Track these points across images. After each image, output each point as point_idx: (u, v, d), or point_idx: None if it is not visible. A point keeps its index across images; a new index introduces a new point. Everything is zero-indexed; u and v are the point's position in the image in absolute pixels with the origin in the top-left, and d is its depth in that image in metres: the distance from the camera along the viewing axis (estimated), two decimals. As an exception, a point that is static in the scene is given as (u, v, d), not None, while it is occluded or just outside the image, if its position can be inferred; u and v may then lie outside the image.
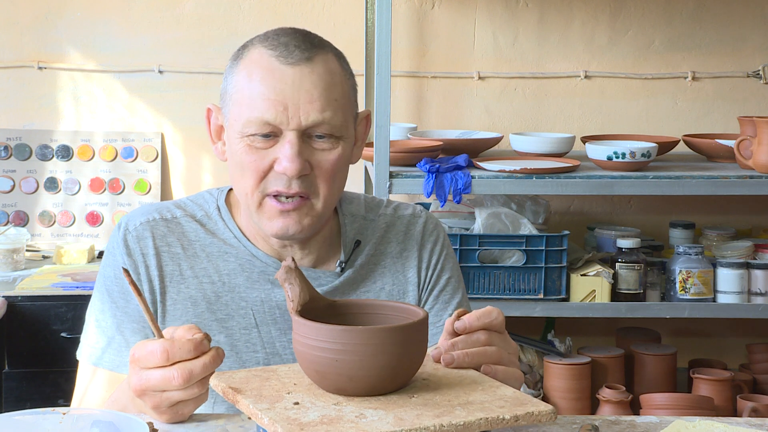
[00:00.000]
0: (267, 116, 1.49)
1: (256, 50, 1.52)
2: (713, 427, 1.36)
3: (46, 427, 1.23)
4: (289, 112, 1.48)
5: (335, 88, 1.51)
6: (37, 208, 3.42)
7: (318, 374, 1.23)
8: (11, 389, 2.87)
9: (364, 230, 1.68)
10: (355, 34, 3.35)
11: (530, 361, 3.11)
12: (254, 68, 1.51)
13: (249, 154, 1.51)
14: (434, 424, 1.13)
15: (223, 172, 3.44)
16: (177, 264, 1.60)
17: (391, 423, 1.13)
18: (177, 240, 1.61)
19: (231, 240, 1.62)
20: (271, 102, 1.48)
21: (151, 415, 1.36)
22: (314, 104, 1.49)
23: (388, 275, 1.67)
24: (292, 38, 1.52)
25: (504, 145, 3.30)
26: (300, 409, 1.17)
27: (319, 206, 1.54)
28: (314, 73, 1.50)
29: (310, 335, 1.22)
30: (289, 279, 1.30)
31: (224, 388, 1.25)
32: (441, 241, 1.72)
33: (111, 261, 1.61)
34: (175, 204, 1.66)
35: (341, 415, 1.16)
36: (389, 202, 1.74)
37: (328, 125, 1.50)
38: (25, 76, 3.43)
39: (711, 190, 2.89)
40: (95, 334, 1.59)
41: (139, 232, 1.61)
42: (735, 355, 3.44)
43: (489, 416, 1.16)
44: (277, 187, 1.51)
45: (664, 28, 3.46)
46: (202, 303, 1.58)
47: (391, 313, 1.32)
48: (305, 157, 1.50)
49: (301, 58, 1.50)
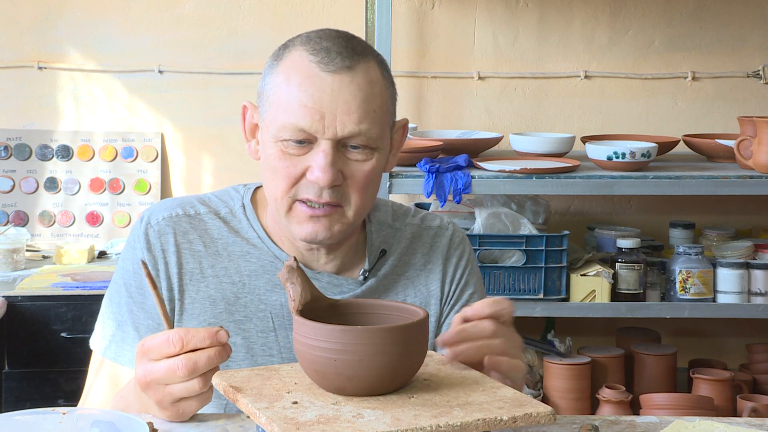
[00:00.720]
0: (302, 123, 1.45)
1: (297, 53, 1.49)
2: (713, 427, 1.36)
3: (46, 427, 1.23)
4: (325, 121, 1.45)
5: (374, 99, 1.47)
6: (37, 208, 3.42)
7: (318, 374, 1.23)
8: (11, 389, 2.87)
9: (389, 239, 1.66)
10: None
11: (530, 361, 3.11)
12: (293, 72, 1.47)
13: (282, 160, 1.48)
14: (431, 424, 1.13)
15: (223, 172, 3.44)
16: (198, 262, 1.58)
17: (388, 423, 1.13)
18: (199, 237, 1.59)
19: (254, 240, 1.59)
20: (308, 109, 1.45)
21: (155, 413, 1.36)
22: (352, 116, 1.45)
23: (411, 287, 1.64)
24: (334, 43, 1.48)
25: (504, 145, 3.30)
26: (298, 409, 1.17)
27: (350, 215, 1.51)
28: (354, 83, 1.46)
29: (310, 335, 1.22)
30: (291, 278, 1.29)
31: (225, 387, 1.25)
32: (467, 255, 1.69)
33: (131, 254, 1.60)
34: (200, 199, 1.63)
35: (338, 414, 1.16)
36: (417, 212, 1.71)
37: (364, 137, 1.47)
38: (25, 76, 3.44)
39: (711, 190, 2.89)
40: (109, 327, 1.58)
41: (161, 227, 1.59)
42: (735, 355, 3.44)
43: (487, 417, 1.16)
44: (307, 195, 1.48)
45: (664, 28, 3.47)
46: (221, 303, 1.56)
47: (393, 313, 1.31)
48: (338, 167, 1.47)
49: (342, 66, 1.46)
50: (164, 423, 1.36)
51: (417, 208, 1.73)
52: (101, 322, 1.60)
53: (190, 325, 1.56)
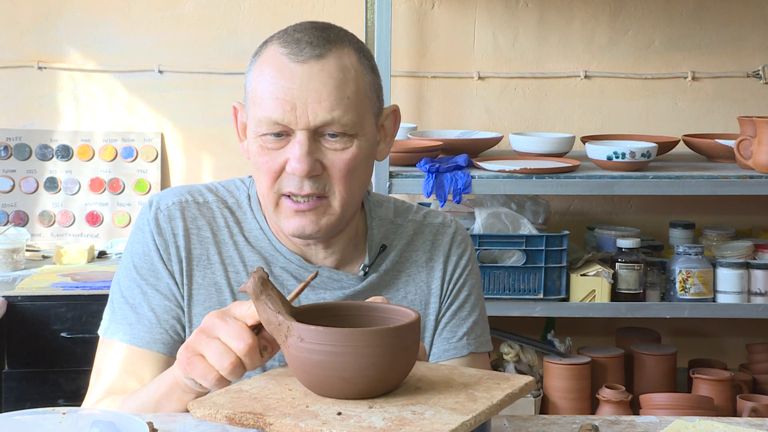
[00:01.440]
0: (275, 116, 1.46)
1: (271, 47, 1.50)
2: (713, 427, 1.36)
3: (46, 427, 1.23)
4: (297, 111, 1.46)
5: (347, 85, 1.47)
6: (37, 208, 3.42)
7: (311, 376, 1.21)
8: (11, 389, 2.87)
9: (391, 235, 1.65)
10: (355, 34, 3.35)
11: (530, 361, 3.11)
12: (266, 66, 1.49)
13: (262, 155, 1.49)
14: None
15: (223, 172, 3.44)
16: (205, 248, 1.58)
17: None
18: (207, 224, 1.59)
19: (257, 231, 1.60)
20: (280, 101, 1.46)
21: (180, 398, 1.37)
22: (323, 104, 1.46)
23: (412, 284, 1.64)
24: (306, 34, 1.49)
25: (504, 145, 3.30)
26: (344, 417, 1.16)
27: (336, 206, 1.51)
28: (324, 71, 1.46)
29: (316, 339, 1.19)
30: (266, 290, 1.25)
31: (231, 415, 1.18)
32: (467, 255, 1.68)
33: (140, 238, 1.59)
34: (207, 187, 1.64)
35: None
36: (419, 209, 1.71)
37: (338, 124, 1.46)
38: (25, 76, 3.44)
39: (711, 190, 2.89)
40: (122, 311, 1.57)
41: (171, 211, 1.59)
42: (735, 355, 3.44)
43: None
44: (290, 188, 1.49)
45: (664, 28, 3.47)
46: (226, 291, 1.57)
47: (386, 315, 1.30)
48: (316, 157, 1.47)
49: (311, 55, 1.47)
50: (164, 423, 1.36)
51: (420, 206, 1.73)
52: (111, 308, 1.59)
53: (196, 311, 1.56)
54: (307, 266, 1.58)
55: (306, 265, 1.58)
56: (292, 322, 1.22)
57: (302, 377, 1.23)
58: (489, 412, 1.18)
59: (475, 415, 1.16)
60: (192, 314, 1.57)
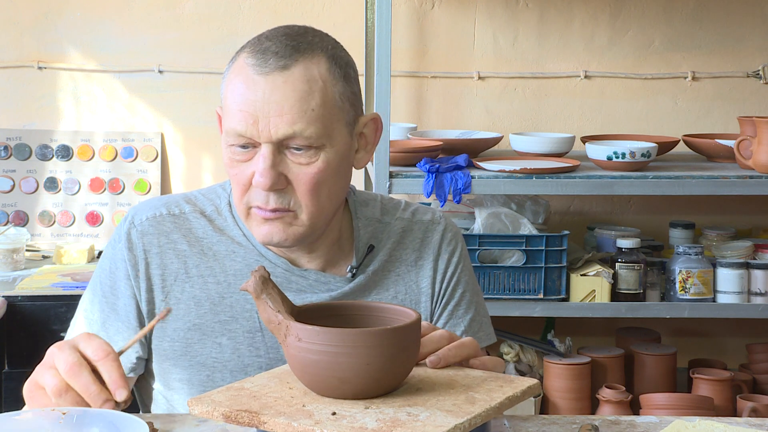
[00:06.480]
0: (239, 128, 1.45)
1: (241, 56, 1.48)
2: (713, 427, 1.36)
3: (46, 427, 1.23)
4: (259, 125, 1.43)
5: (311, 97, 1.44)
6: (37, 208, 3.42)
7: (308, 376, 1.21)
8: (11, 389, 2.87)
9: (378, 234, 1.63)
10: (355, 34, 3.35)
11: (530, 361, 3.11)
12: (234, 77, 1.47)
13: (232, 167, 1.49)
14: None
15: (223, 172, 3.43)
16: (183, 262, 1.56)
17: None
18: (183, 237, 1.57)
19: (239, 238, 1.58)
20: (243, 114, 1.44)
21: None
22: (284, 117, 1.43)
23: (402, 283, 1.62)
24: (274, 42, 1.46)
25: (504, 145, 3.30)
26: (339, 418, 1.16)
27: (304, 219, 1.48)
28: (288, 83, 1.43)
29: (317, 340, 1.19)
30: (267, 289, 1.25)
31: (228, 412, 1.18)
32: (459, 251, 1.66)
33: (110, 253, 1.59)
34: (185, 198, 1.62)
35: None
36: (408, 205, 1.68)
37: (301, 137, 1.43)
38: (25, 76, 3.44)
39: (711, 190, 2.89)
40: (80, 325, 1.58)
41: (144, 227, 1.57)
42: (735, 355, 3.44)
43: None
44: (257, 202, 1.47)
45: (664, 28, 3.46)
46: (206, 303, 1.55)
47: (389, 316, 1.30)
48: (280, 170, 1.45)
49: (276, 66, 1.43)
50: (164, 423, 1.36)
51: (408, 202, 1.70)
52: (75, 319, 1.60)
53: (176, 326, 1.55)
54: (294, 270, 1.56)
55: (292, 268, 1.56)
56: (290, 322, 1.22)
57: (301, 376, 1.23)
58: (486, 415, 1.17)
59: (471, 418, 1.15)
60: (172, 329, 1.55)
